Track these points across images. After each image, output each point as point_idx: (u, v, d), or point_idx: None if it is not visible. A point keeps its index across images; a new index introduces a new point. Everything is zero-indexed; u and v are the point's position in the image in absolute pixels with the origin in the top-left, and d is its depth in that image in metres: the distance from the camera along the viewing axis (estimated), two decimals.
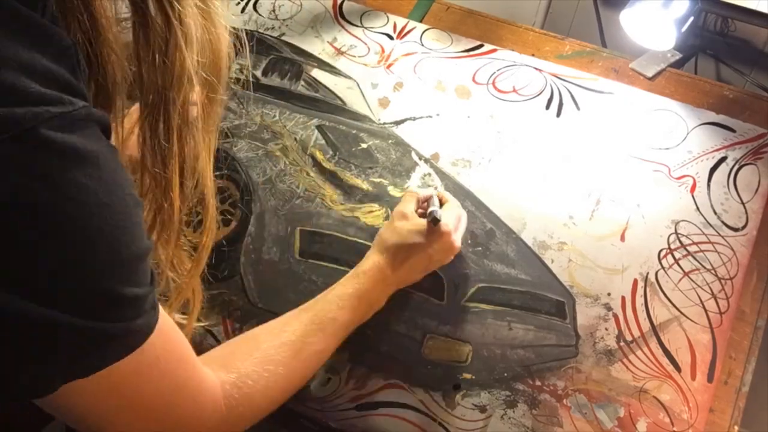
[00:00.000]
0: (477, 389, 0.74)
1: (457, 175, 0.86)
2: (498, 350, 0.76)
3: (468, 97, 0.92)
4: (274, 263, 0.82)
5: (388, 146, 0.89)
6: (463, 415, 0.73)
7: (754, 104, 0.89)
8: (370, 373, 0.76)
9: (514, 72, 0.94)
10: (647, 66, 0.94)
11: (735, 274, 0.78)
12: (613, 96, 0.90)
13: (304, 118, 0.92)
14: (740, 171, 0.83)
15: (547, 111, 0.90)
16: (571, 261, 0.80)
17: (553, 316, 0.77)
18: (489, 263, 0.80)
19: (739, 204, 0.81)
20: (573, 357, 0.75)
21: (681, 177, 0.84)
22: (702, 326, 0.75)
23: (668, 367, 0.74)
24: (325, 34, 1.00)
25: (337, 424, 0.75)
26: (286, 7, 1.03)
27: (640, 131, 0.87)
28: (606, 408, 0.72)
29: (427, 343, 0.77)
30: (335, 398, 0.75)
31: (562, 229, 0.82)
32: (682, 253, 0.79)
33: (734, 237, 0.79)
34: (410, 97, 0.93)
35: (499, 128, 0.89)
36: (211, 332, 0.79)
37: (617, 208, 0.82)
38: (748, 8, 1.04)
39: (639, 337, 0.75)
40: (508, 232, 0.82)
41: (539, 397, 0.73)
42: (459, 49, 0.97)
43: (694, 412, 0.71)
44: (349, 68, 0.96)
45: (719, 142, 0.85)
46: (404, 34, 0.99)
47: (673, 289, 0.77)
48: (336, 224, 0.83)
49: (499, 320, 0.77)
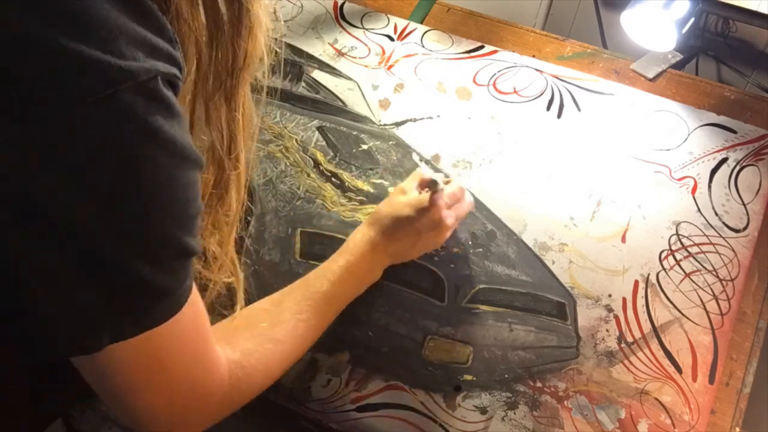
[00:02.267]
0: (478, 391, 0.74)
1: (458, 177, 0.86)
2: (499, 352, 0.76)
3: (469, 99, 0.92)
4: (274, 264, 0.82)
5: (388, 147, 0.89)
6: (464, 417, 0.73)
7: (755, 105, 0.89)
8: (371, 375, 0.76)
9: (515, 73, 0.94)
10: (648, 67, 0.94)
11: (736, 276, 0.77)
12: (613, 97, 0.90)
13: (305, 120, 0.92)
14: (741, 172, 0.83)
15: (548, 112, 0.90)
16: (572, 262, 0.80)
17: (553, 317, 0.77)
18: (490, 264, 0.80)
19: (741, 205, 0.81)
20: (574, 358, 0.75)
21: (682, 178, 0.84)
22: (703, 327, 0.75)
23: (669, 368, 0.73)
24: (325, 36, 1.00)
25: (338, 425, 0.75)
26: (287, 8, 1.03)
27: (641, 132, 0.87)
28: (607, 409, 0.72)
29: (427, 345, 0.77)
30: (336, 399, 0.75)
31: (562, 231, 0.82)
32: (683, 255, 0.79)
33: (735, 238, 0.79)
34: (411, 99, 0.93)
35: (499, 129, 0.89)
36: None
37: (618, 210, 0.82)
38: (748, 9, 1.04)
39: (640, 339, 0.75)
40: (508, 234, 0.82)
41: (540, 399, 0.73)
42: (460, 50, 0.97)
43: (695, 413, 0.71)
44: (349, 69, 0.96)
45: (720, 143, 0.85)
46: (405, 36, 0.99)
47: (674, 291, 0.77)
48: (337, 225, 0.83)
49: (500, 322, 0.77)
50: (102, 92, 0.37)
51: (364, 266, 0.72)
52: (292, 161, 0.89)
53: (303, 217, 0.85)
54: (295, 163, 0.89)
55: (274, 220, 0.85)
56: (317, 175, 0.88)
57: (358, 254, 0.72)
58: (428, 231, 0.74)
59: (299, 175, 0.88)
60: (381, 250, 0.73)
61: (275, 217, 0.85)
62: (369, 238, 0.73)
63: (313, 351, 0.77)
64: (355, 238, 0.74)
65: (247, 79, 0.51)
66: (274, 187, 0.87)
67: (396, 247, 0.74)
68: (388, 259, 0.74)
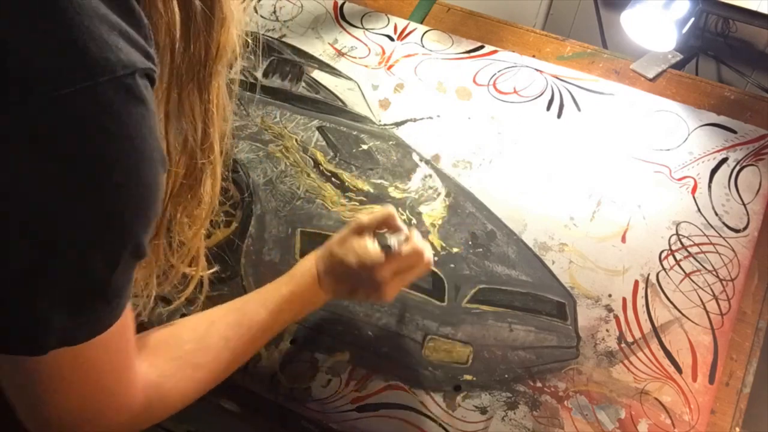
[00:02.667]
0: (478, 391, 0.74)
1: (458, 177, 0.86)
2: (499, 351, 0.76)
3: (469, 99, 0.92)
4: (274, 264, 0.82)
5: (388, 147, 0.89)
6: (464, 417, 0.73)
7: (755, 105, 0.89)
8: (371, 375, 0.76)
9: (515, 73, 0.94)
10: (648, 67, 0.94)
11: (736, 276, 0.77)
12: (613, 97, 0.90)
13: (305, 120, 0.92)
14: (741, 172, 0.83)
15: (548, 112, 0.90)
16: (572, 262, 0.80)
17: (554, 317, 0.77)
18: (490, 264, 0.80)
19: (740, 205, 0.81)
20: (574, 358, 0.75)
21: (682, 178, 0.84)
22: (703, 327, 0.75)
23: (669, 368, 0.73)
24: (325, 36, 1.00)
25: (338, 425, 0.75)
26: (287, 8, 1.03)
27: (641, 132, 0.87)
28: (607, 409, 0.72)
29: (427, 345, 0.77)
30: (336, 400, 0.75)
31: (562, 231, 0.82)
32: (683, 254, 0.79)
33: (735, 238, 0.79)
34: (411, 99, 0.93)
35: (499, 129, 0.89)
36: None
37: (618, 210, 0.82)
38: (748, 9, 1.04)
39: (640, 339, 0.75)
40: (508, 234, 0.82)
41: (540, 399, 0.73)
42: (460, 50, 0.97)
43: (695, 413, 0.71)
44: (349, 69, 0.96)
45: (720, 143, 0.85)
46: (405, 36, 0.99)
47: (674, 291, 0.77)
48: (337, 225, 0.83)
49: (500, 321, 0.77)
50: (80, 83, 0.37)
51: (306, 298, 0.69)
52: (292, 161, 0.89)
53: (303, 217, 0.85)
54: (295, 163, 0.89)
55: (274, 220, 0.85)
56: (317, 175, 0.88)
57: (303, 286, 0.69)
58: (367, 288, 0.69)
59: (299, 175, 0.88)
60: (324, 287, 0.70)
61: (275, 217, 0.85)
62: (314, 272, 0.70)
63: (313, 351, 0.77)
64: (302, 267, 0.70)
65: (220, 71, 0.51)
66: (274, 187, 0.87)
67: (337, 289, 0.71)
68: (330, 295, 0.71)
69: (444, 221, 0.83)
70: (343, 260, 0.68)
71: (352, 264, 0.68)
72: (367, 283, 0.68)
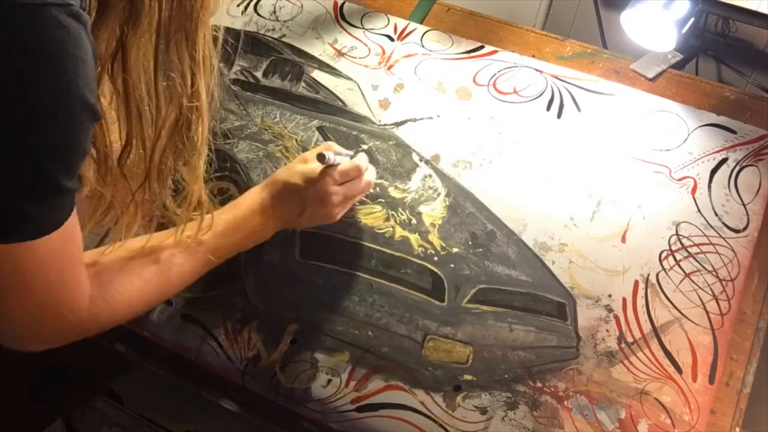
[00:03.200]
0: (478, 391, 0.74)
1: (458, 177, 0.86)
2: (499, 352, 0.76)
3: (469, 99, 0.92)
4: (274, 264, 0.82)
5: (388, 147, 0.89)
6: (464, 417, 0.73)
7: (755, 105, 0.89)
8: (371, 375, 0.76)
9: (515, 73, 0.94)
10: (648, 67, 0.94)
11: (736, 276, 0.77)
12: (613, 97, 0.90)
13: (305, 120, 0.92)
14: (741, 172, 0.83)
15: (548, 112, 0.90)
16: (572, 262, 0.80)
17: (553, 317, 0.77)
18: (490, 264, 0.80)
19: (740, 205, 0.81)
20: (574, 358, 0.75)
21: (682, 178, 0.84)
22: (703, 328, 0.75)
23: (669, 368, 0.73)
24: (325, 36, 1.00)
25: (338, 425, 0.75)
26: (287, 8, 1.03)
27: (641, 133, 0.87)
28: (607, 409, 0.72)
29: (427, 345, 0.77)
30: (336, 400, 0.75)
31: (562, 231, 0.82)
32: (683, 255, 0.79)
33: (735, 238, 0.79)
34: (411, 99, 0.93)
35: (499, 129, 0.89)
36: (211, 334, 0.79)
37: (618, 210, 0.82)
38: (748, 9, 1.04)
39: (640, 339, 0.75)
40: (508, 234, 0.82)
41: (540, 399, 0.73)
42: (460, 50, 0.97)
43: (695, 413, 0.71)
44: (349, 69, 0.96)
45: (720, 143, 0.85)
46: (405, 36, 0.99)
47: (674, 291, 0.77)
48: (336, 225, 0.83)
49: (500, 322, 0.77)
50: None
51: (252, 224, 0.73)
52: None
53: None
54: None
55: None
56: None
57: (248, 211, 0.73)
58: (313, 203, 0.74)
59: None
60: (270, 213, 0.74)
61: None
62: (260, 198, 0.74)
63: (313, 351, 0.77)
64: (247, 196, 0.75)
65: (205, 22, 0.54)
66: None
67: (284, 213, 0.75)
68: (278, 222, 0.75)
69: (444, 221, 0.83)
70: (288, 180, 0.74)
71: (297, 182, 0.74)
72: (313, 199, 0.74)
